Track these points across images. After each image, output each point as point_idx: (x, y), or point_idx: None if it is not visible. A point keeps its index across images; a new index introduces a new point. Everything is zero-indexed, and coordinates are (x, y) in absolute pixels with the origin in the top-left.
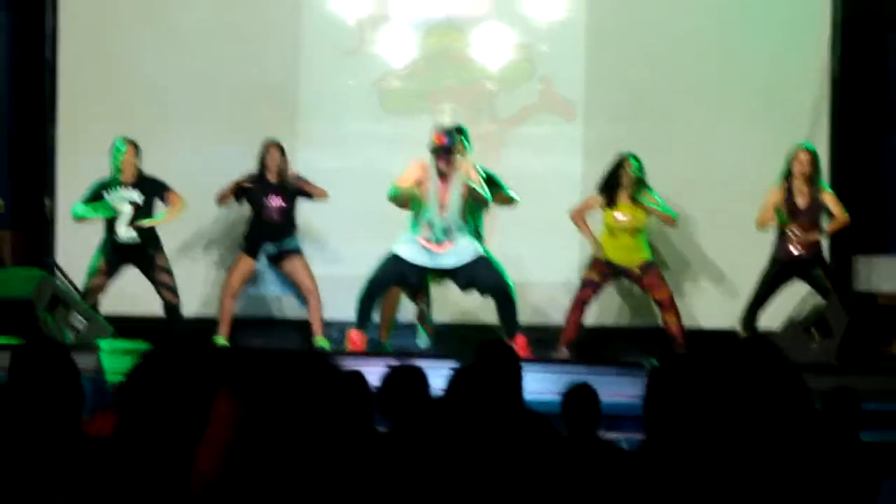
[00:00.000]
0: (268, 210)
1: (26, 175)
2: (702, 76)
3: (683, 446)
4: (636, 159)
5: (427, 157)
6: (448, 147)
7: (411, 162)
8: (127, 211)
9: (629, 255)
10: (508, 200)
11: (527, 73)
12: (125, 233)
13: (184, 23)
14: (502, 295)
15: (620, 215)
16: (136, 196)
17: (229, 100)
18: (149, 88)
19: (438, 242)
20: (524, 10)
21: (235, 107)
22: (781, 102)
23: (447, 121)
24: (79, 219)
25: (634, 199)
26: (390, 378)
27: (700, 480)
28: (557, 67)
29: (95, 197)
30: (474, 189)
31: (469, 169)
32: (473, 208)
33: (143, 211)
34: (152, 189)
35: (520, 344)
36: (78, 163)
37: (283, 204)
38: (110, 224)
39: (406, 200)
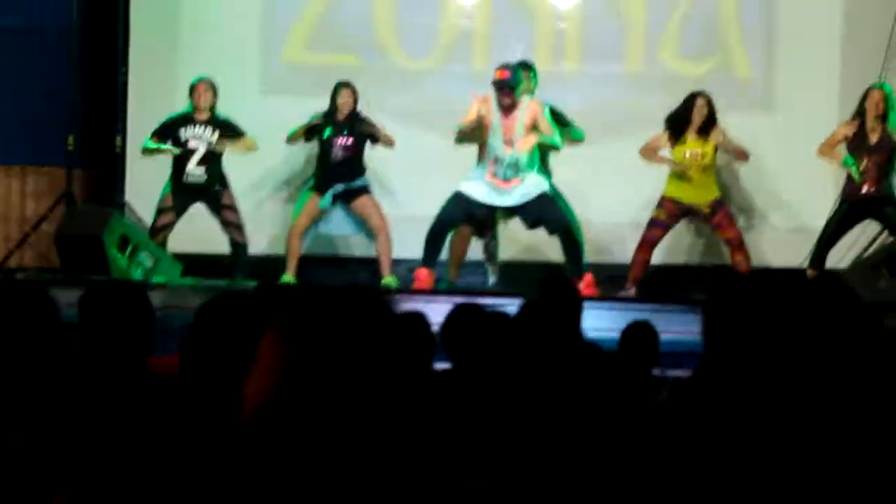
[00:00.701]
0: (336, 150)
1: (97, 114)
2: (775, 11)
3: (739, 379)
4: (707, 97)
5: (490, 93)
6: (511, 82)
7: (473, 97)
8: (198, 149)
9: (698, 193)
10: (577, 140)
11: (596, 11)
12: (194, 170)
13: None
14: (566, 234)
15: (689, 152)
16: (209, 135)
17: (297, 38)
18: (217, 30)
19: (506, 179)
20: None
21: (302, 46)
22: (857, 42)
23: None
24: (147, 152)
25: (704, 136)
26: (454, 316)
27: (754, 414)
28: (626, 3)
29: (166, 131)
30: (544, 138)
31: (538, 115)
32: (540, 145)
33: (214, 150)
34: (225, 130)
35: (587, 282)
36: (148, 102)
37: (352, 144)
38: (179, 162)
39: (471, 135)
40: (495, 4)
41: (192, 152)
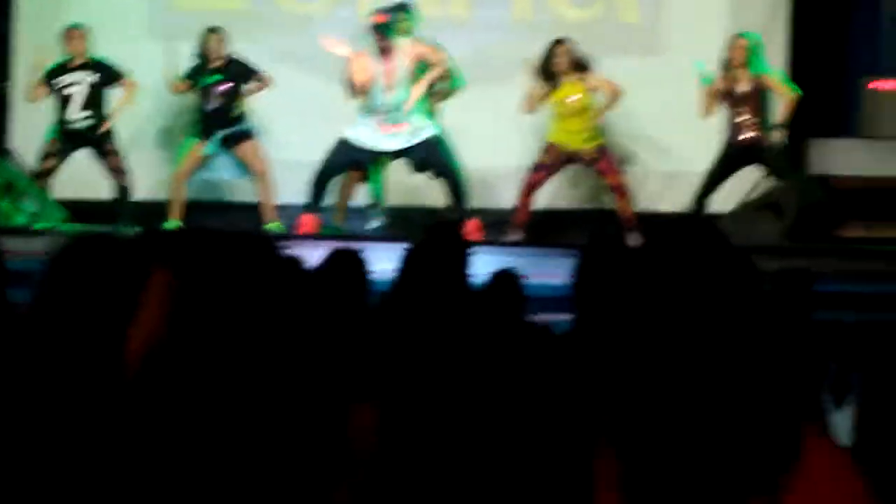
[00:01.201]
0: (213, 97)
1: None
2: None
3: (613, 327)
4: (566, 44)
5: (364, 47)
6: (389, 25)
7: (350, 57)
8: (79, 93)
9: (580, 137)
10: (457, 87)
11: None
12: (77, 115)
13: None
14: (450, 178)
15: (567, 98)
16: (88, 77)
17: None
18: None
19: (394, 123)
20: None
21: None
22: None
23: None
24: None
25: (579, 81)
26: (330, 260)
27: (632, 360)
28: None
29: (47, 82)
30: (442, 78)
31: (424, 52)
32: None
33: (95, 93)
34: (105, 72)
35: (472, 227)
36: (34, 49)
37: (228, 89)
38: (62, 107)
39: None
40: None
41: (69, 98)
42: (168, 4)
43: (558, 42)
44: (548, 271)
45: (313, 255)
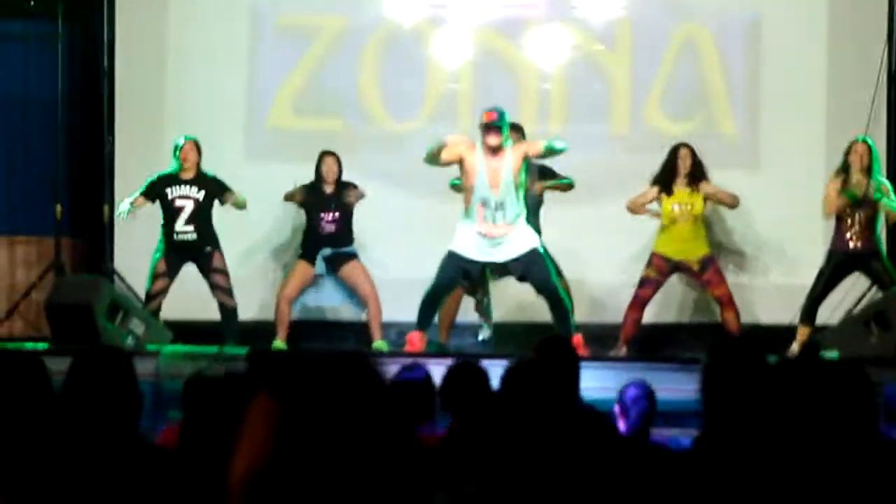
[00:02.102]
0: (323, 222)
1: (85, 183)
2: (760, 73)
3: (738, 443)
4: (690, 148)
5: (476, 139)
6: (498, 123)
7: (458, 136)
8: (186, 207)
9: (688, 247)
10: (566, 185)
11: (580, 73)
12: (183, 228)
13: (239, 28)
14: (551, 296)
15: (677, 205)
16: (195, 192)
17: (282, 104)
18: (202, 96)
19: (494, 222)
20: (576, 10)
21: (288, 111)
22: (841, 101)
23: None
24: (132, 212)
25: (692, 187)
26: (452, 374)
27: (754, 478)
28: (611, 66)
29: (153, 190)
30: (550, 147)
31: (528, 147)
32: (526, 194)
33: (202, 208)
34: (212, 188)
35: (576, 343)
36: (134, 170)
37: (338, 217)
38: (168, 222)
39: (439, 156)
40: (480, 67)
41: (179, 210)
42: (265, 125)
43: (681, 145)
44: (655, 386)
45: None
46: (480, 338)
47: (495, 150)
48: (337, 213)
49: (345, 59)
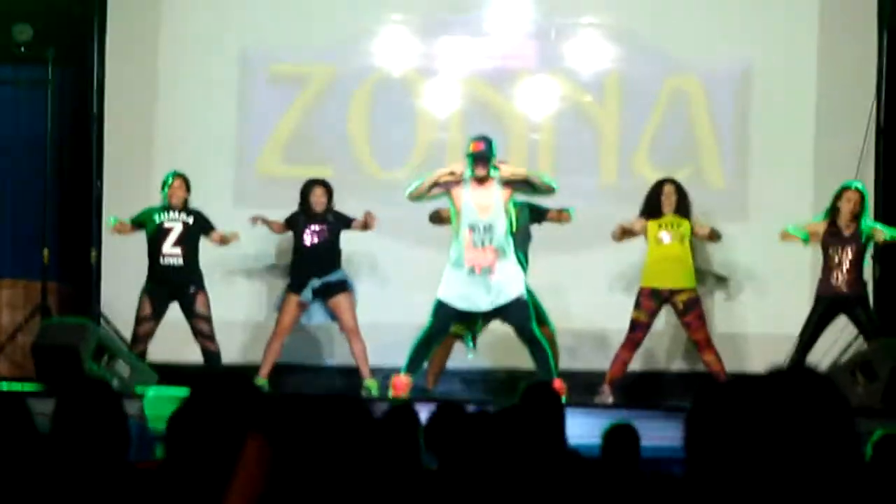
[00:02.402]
0: (307, 232)
1: (72, 227)
2: (749, 124)
3: (724, 486)
4: (676, 183)
5: (463, 168)
6: (486, 153)
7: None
8: (174, 229)
9: (676, 272)
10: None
11: (569, 124)
12: (170, 251)
13: (230, 75)
14: (529, 339)
15: (665, 233)
16: (185, 217)
17: (271, 151)
18: (191, 143)
19: (482, 245)
20: (565, 61)
21: (277, 158)
22: (829, 150)
23: None
24: (116, 225)
25: (679, 218)
26: (437, 414)
27: None
28: (599, 117)
29: (139, 219)
30: (532, 178)
31: (513, 169)
32: (517, 229)
33: (190, 233)
34: (199, 221)
35: (557, 387)
36: (122, 215)
37: (324, 231)
38: (155, 246)
39: (427, 191)
40: (469, 116)
41: (168, 232)
42: (255, 171)
43: (666, 181)
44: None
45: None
46: (470, 356)
47: (482, 180)
48: (323, 227)
49: (334, 108)
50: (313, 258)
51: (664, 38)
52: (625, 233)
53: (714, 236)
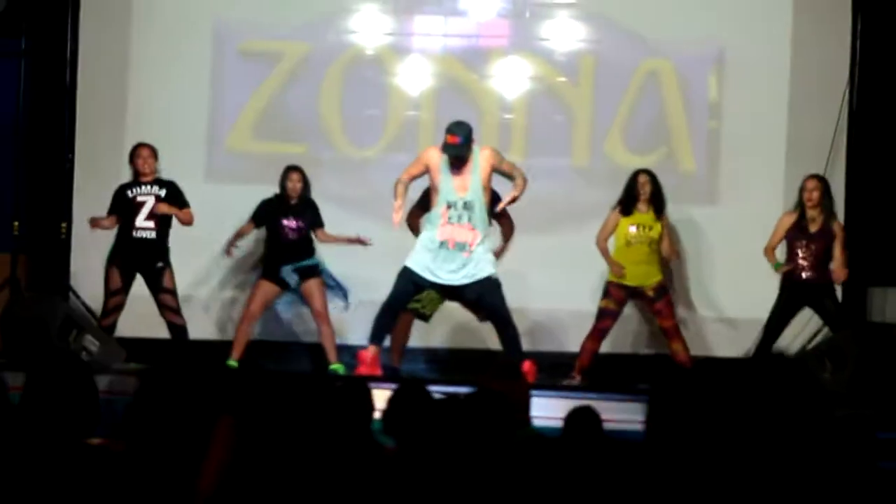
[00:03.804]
0: (286, 229)
1: (42, 199)
2: (721, 108)
3: (684, 472)
4: (651, 174)
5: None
6: (462, 146)
7: (424, 152)
8: (147, 202)
9: (641, 271)
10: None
11: (543, 105)
12: (143, 224)
13: (203, 50)
14: (503, 322)
15: (635, 227)
16: (157, 190)
17: (243, 127)
18: (163, 118)
19: (459, 221)
20: (539, 42)
21: (248, 134)
22: (801, 135)
23: None
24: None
25: (654, 213)
26: (397, 394)
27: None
28: (573, 98)
29: (117, 202)
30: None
31: (496, 160)
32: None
33: (161, 210)
34: (172, 194)
35: (527, 369)
36: (93, 188)
37: (302, 226)
38: (127, 219)
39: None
40: (441, 95)
41: (140, 206)
42: (225, 146)
43: (641, 171)
44: (606, 416)
45: (374, 395)
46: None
47: (458, 166)
48: (300, 223)
49: (306, 85)
50: (290, 251)
51: (639, 22)
52: (605, 240)
53: (672, 253)
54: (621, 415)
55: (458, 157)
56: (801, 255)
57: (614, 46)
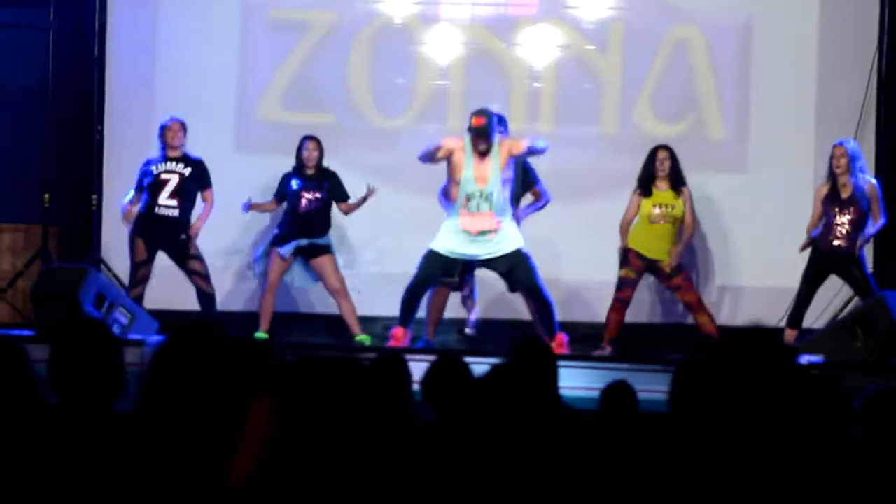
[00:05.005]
0: (304, 199)
1: (73, 172)
2: (750, 76)
3: (707, 442)
4: (669, 150)
5: (465, 137)
6: (487, 128)
7: (446, 138)
8: (171, 180)
9: (663, 246)
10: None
11: (571, 73)
12: (166, 202)
13: (231, 20)
14: (537, 296)
15: (658, 208)
16: (182, 168)
17: (272, 97)
18: (192, 89)
19: (479, 210)
20: (568, 9)
21: (277, 104)
22: (830, 102)
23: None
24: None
25: (674, 190)
26: (435, 367)
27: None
28: (602, 66)
29: (143, 178)
30: (532, 147)
31: (512, 146)
32: (513, 193)
33: (187, 184)
34: (197, 175)
35: (560, 342)
36: (123, 160)
37: (320, 198)
38: (152, 194)
39: (434, 155)
40: (471, 64)
41: (164, 183)
42: (254, 116)
43: (659, 147)
44: (638, 387)
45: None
46: (467, 331)
47: (483, 153)
48: (318, 194)
49: (335, 55)
50: (306, 223)
51: None
52: (628, 223)
53: (689, 228)
54: (654, 386)
55: (482, 136)
56: (836, 221)
57: (643, 14)
